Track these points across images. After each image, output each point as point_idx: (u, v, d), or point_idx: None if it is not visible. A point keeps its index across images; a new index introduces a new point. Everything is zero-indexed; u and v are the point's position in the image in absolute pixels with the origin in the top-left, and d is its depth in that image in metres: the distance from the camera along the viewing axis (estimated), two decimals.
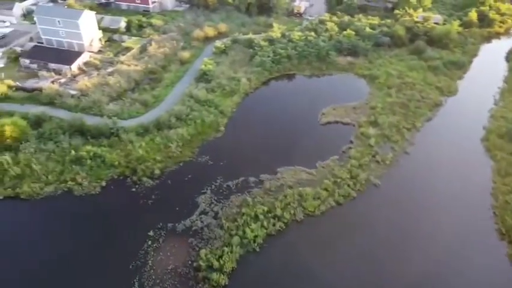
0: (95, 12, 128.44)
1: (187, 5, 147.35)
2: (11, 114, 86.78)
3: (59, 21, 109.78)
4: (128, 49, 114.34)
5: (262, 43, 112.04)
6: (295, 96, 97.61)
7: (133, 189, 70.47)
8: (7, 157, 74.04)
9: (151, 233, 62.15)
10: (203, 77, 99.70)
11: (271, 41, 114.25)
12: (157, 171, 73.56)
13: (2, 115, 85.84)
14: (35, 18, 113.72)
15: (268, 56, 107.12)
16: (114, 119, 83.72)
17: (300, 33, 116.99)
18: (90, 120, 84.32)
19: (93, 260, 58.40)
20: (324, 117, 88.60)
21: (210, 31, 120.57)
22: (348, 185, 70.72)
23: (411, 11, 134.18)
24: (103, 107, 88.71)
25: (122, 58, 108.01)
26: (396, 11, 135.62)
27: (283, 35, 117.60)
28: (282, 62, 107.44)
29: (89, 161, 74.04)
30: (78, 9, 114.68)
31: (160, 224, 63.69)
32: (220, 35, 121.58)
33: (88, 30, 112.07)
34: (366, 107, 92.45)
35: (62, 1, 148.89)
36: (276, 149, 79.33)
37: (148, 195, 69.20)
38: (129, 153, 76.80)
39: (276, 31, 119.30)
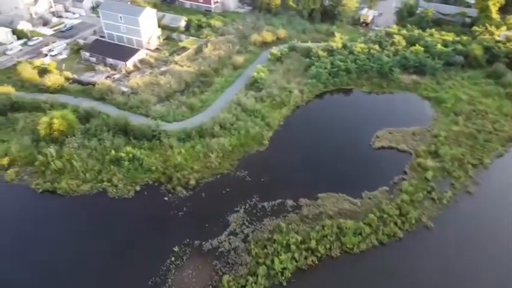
0: (158, 9, 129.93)
1: (250, 7, 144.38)
2: (63, 106, 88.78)
3: (120, 17, 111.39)
4: (183, 49, 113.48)
5: (321, 53, 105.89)
6: (349, 113, 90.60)
7: (166, 198, 68.28)
8: (52, 150, 75.13)
9: (176, 249, 59.34)
10: (254, 84, 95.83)
11: (330, 52, 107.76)
12: (192, 182, 70.81)
13: (55, 107, 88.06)
14: (99, 13, 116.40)
15: (325, 68, 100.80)
16: (158, 122, 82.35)
17: (363, 45, 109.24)
18: (135, 120, 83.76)
19: (111, 267, 56.90)
20: (378, 141, 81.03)
21: (268, 36, 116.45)
22: (395, 223, 63.23)
23: (492, 28, 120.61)
24: (150, 107, 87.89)
25: (176, 58, 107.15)
26: (475, 28, 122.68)
27: (344, 46, 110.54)
28: (340, 75, 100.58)
29: (126, 163, 73.06)
30: (139, 6, 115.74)
31: (187, 240, 60.69)
32: (278, 41, 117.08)
33: (147, 28, 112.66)
34: (427, 134, 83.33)
35: None
36: (320, 170, 73.52)
37: (179, 207, 66.64)
38: (168, 158, 74.90)
39: (337, 41, 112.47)
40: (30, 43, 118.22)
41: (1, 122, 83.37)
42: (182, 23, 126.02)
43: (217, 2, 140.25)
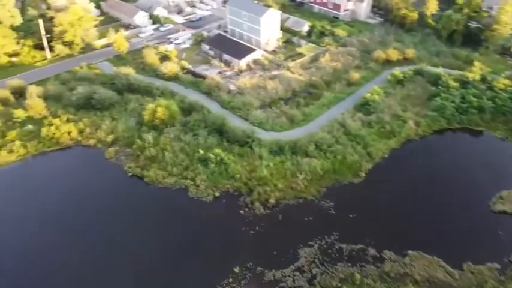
0: (284, 10, 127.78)
1: (381, 19, 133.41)
2: (172, 95, 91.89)
3: (245, 15, 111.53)
4: (300, 55, 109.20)
5: (452, 83, 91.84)
6: (470, 160, 76.52)
7: (242, 212, 65.27)
8: (150, 136, 77.86)
9: (236, 270, 56.02)
10: (364, 106, 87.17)
11: (464, 83, 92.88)
12: (272, 200, 66.65)
13: (165, 94, 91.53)
14: (227, 8, 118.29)
15: (453, 101, 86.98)
16: (255, 128, 79.80)
17: (507, 82, 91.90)
18: (233, 122, 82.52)
19: (168, 267, 56.07)
20: (500, 203, 66.59)
21: (393, 54, 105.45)
22: None
23: None
24: (251, 111, 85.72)
25: (290, 64, 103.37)
26: None
27: (483, 79, 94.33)
28: (469, 113, 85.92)
29: (213, 165, 71.92)
30: (264, 7, 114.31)
31: (250, 263, 56.89)
32: (404, 61, 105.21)
33: (268, 29, 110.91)
34: None
35: None
36: (417, 222, 63.12)
37: (253, 224, 63.08)
38: (254, 169, 71.79)
39: (476, 71, 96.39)
40: (162, 29, 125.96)
41: (117, 101, 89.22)
42: (305, 27, 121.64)
43: (347, 9, 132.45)
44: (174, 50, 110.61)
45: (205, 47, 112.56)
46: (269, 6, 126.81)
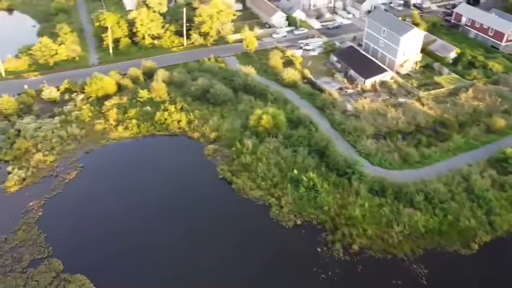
0: (432, 31, 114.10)
1: None
2: (285, 103, 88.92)
3: (384, 31, 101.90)
4: (436, 85, 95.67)
5: None
6: None
7: (319, 250, 59.04)
8: (250, 142, 76.10)
9: None
10: (501, 163, 71.77)
11: None
12: (356, 247, 58.98)
13: (277, 101, 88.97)
14: (366, 19, 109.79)
15: None
16: (359, 159, 72.05)
17: None
18: (339, 146, 76.06)
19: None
20: None
21: None
22: None
23: None
24: (361, 138, 77.77)
25: (422, 93, 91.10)
26: None
27: None
28: None
29: (303, 189, 66.80)
30: (407, 25, 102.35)
31: None
32: None
33: (407, 50, 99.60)
34: None
35: (414, 8, 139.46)
36: None
37: (327, 268, 56.32)
38: (346, 206, 64.59)
39: None
40: (295, 32, 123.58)
41: (230, 99, 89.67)
42: (452, 54, 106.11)
43: (511, 40, 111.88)
44: (300, 57, 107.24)
45: (333, 58, 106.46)
46: (416, 24, 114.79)
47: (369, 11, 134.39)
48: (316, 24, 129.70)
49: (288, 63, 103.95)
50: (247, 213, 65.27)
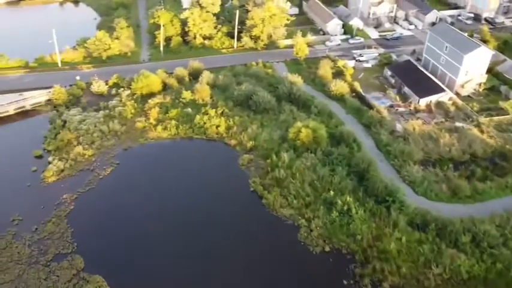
0: (502, 50, 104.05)
1: None
2: (330, 117, 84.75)
3: (446, 47, 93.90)
4: (501, 111, 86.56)
5: None
6: None
7: (345, 282, 54.45)
8: (286, 156, 72.87)
9: None
10: None
11: None
12: (386, 285, 53.87)
13: (321, 114, 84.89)
14: (428, 33, 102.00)
15: None
16: (401, 187, 66.37)
17: None
18: (381, 169, 70.97)
19: None
20: None
21: None
22: None
23: None
24: (407, 163, 71.81)
25: (482, 119, 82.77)
26: None
27: None
28: None
29: (336, 213, 62.44)
30: (474, 42, 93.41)
31: None
32: None
33: (471, 69, 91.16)
34: None
35: (485, 23, 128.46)
36: None
37: None
38: (381, 237, 59.43)
39: None
40: (350, 41, 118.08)
41: (272, 107, 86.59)
42: None
43: None
44: (352, 68, 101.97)
45: (388, 72, 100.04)
46: (484, 41, 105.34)
47: (433, 23, 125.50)
48: (374, 34, 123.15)
49: (338, 74, 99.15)
50: (274, 232, 62.05)
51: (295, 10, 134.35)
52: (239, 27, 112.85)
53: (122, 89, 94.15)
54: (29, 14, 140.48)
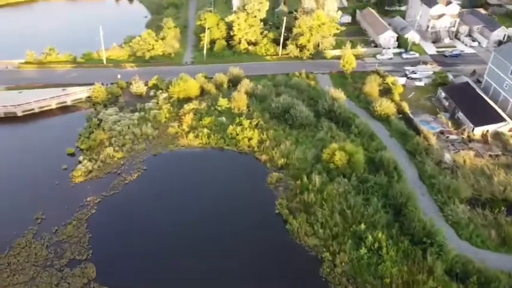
0: None
1: None
2: (371, 139, 78.79)
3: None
4: None
5: None
6: None
7: None
8: (318, 179, 67.97)
9: None
10: None
11: None
12: None
13: (363, 135, 79.07)
14: (492, 54, 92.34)
15: None
16: (442, 229, 59.34)
17: None
18: (422, 205, 64.25)
19: None
20: None
21: None
22: None
23: None
24: (453, 201, 64.45)
25: None
26: None
27: None
28: None
29: (365, 250, 56.93)
30: None
31: None
32: None
33: None
34: None
35: None
36: None
37: None
38: (413, 284, 53.23)
39: None
40: (404, 55, 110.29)
41: (310, 123, 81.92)
42: None
43: None
44: (401, 85, 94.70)
45: (442, 93, 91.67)
46: None
47: (500, 42, 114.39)
48: (431, 50, 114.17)
49: (386, 91, 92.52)
50: (294, 262, 57.66)
51: (348, 19, 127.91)
52: (285, 34, 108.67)
53: (160, 91, 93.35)
54: (85, 9, 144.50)
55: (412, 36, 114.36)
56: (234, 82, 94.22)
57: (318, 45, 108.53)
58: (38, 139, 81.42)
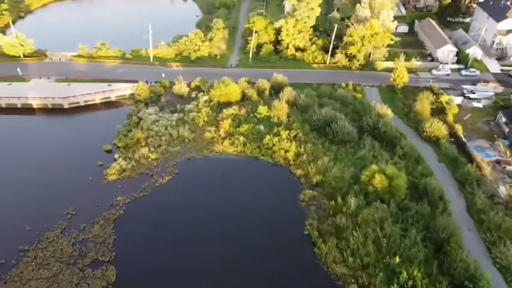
0: None
1: None
2: (417, 162, 73.08)
3: None
4: None
5: None
6: None
7: None
8: (354, 202, 63.62)
9: None
10: None
11: None
12: None
13: (408, 158, 73.55)
14: None
15: None
16: (487, 273, 53.04)
17: None
18: (466, 242, 58.24)
19: None
20: None
21: None
22: None
23: None
24: (503, 241, 57.74)
25: None
26: None
27: None
28: None
29: (397, 286, 51.98)
30: None
31: None
32: None
33: None
34: None
35: None
36: None
37: None
38: None
39: None
40: (463, 72, 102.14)
41: (352, 140, 77.21)
42: None
43: None
44: (457, 105, 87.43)
45: (502, 118, 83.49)
46: None
47: None
48: (495, 68, 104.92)
49: (439, 111, 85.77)
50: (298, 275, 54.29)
51: (405, 28, 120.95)
52: (335, 42, 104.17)
53: (202, 93, 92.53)
54: (141, 6, 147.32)
55: (474, 51, 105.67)
56: (277, 89, 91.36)
57: (369, 55, 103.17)
58: (80, 133, 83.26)
